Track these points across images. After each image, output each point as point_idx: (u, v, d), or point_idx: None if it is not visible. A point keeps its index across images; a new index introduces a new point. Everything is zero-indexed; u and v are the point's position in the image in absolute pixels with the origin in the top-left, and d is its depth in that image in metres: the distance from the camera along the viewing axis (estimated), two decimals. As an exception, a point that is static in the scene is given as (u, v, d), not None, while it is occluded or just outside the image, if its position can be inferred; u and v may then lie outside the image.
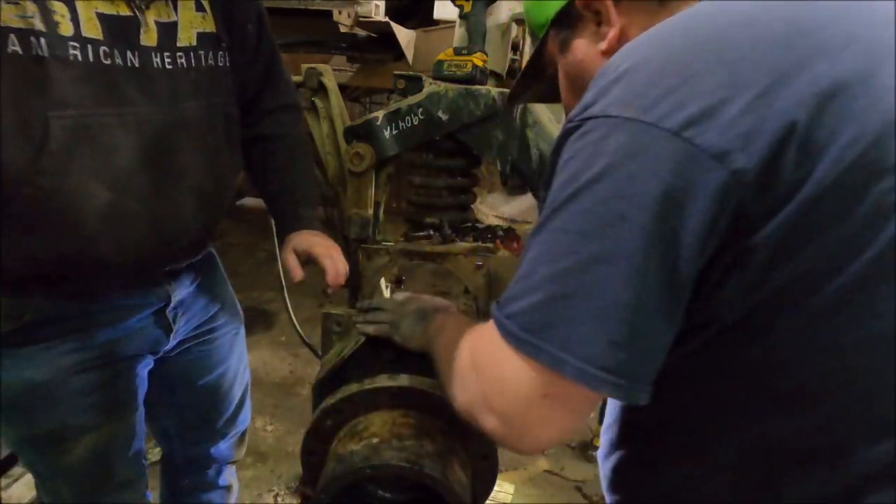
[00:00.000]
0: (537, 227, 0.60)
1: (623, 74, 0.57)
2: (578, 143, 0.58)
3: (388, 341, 1.01)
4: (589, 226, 0.55)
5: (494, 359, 0.61)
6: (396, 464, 0.83)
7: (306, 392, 2.56)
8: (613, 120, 0.55)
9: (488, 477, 0.99)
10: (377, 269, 1.53)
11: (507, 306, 0.60)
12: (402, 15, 3.60)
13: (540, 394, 0.57)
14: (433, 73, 1.43)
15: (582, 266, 0.54)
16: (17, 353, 0.92)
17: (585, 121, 0.58)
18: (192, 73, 0.99)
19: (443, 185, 1.51)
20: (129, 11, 0.86)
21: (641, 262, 0.53)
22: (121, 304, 1.03)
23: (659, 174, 0.52)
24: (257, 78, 1.17)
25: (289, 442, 2.34)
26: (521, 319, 0.57)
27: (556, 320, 0.55)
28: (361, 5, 2.99)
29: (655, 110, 0.53)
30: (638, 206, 0.52)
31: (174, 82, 0.95)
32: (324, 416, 0.95)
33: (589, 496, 2.27)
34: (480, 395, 0.63)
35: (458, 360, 0.70)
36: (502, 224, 1.79)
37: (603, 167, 0.54)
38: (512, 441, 0.62)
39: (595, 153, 0.55)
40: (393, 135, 1.42)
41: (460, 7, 1.48)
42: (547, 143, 1.38)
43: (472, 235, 1.58)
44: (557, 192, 0.58)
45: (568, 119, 0.61)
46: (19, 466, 1.91)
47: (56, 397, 0.96)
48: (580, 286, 0.54)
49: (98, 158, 0.84)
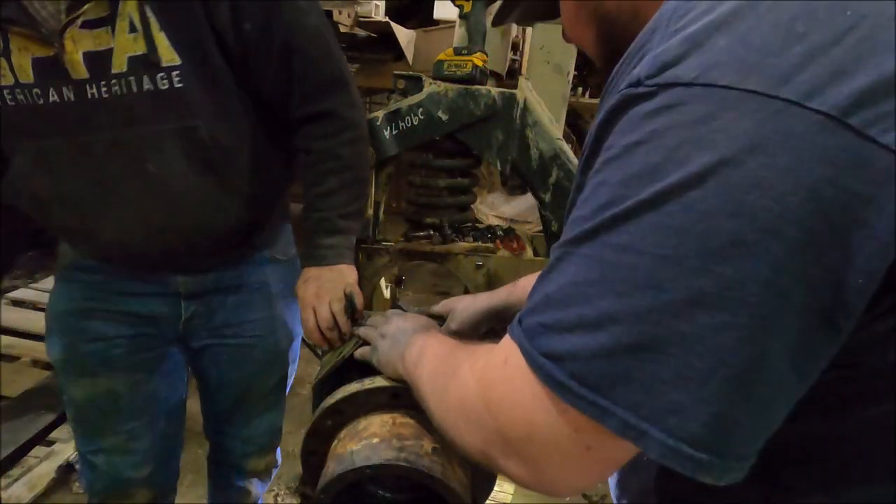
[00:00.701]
0: (579, 232, 0.43)
1: (731, 17, 0.38)
2: (657, 122, 0.39)
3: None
4: (683, 250, 0.37)
5: (518, 399, 0.47)
6: (396, 464, 0.83)
7: (306, 392, 2.56)
8: (723, 92, 0.37)
9: (488, 477, 0.99)
10: (377, 269, 1.53)
11: (544, 340, 0.44)
12: (402, 15, 3.61)
13: (583, 446, 0.45)
14: (433, 73, 1.43)
15: (674, 308, 0.38)
16: (63, 285, 1.16)
17: (666, 88, 0.39)
18: (126, 100, 0.93)
19: (443, 185, 1.51)
20: (51, 50, 0.89)
21: (771, 309, 0.36)
22: (136, 277, 1.14)
23: (806, 181, 0.35)
24: (275, 82, 1.03)
25: (289, 442, 2.33)
26: (577, 368, 0.42)
27: (633, 377, 0.40)
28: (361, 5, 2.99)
29: (798, 80, 0.35)
30: (768, 228, 0.35)
31: (109, 112, 0.94)
32: (324, 416, 0.95)
33: (589, 496, 2.27)
34: (499, 439, 0.50)
35: (458, 394, 0.57)
36: (502, 224, 1.79)
37: (707, 165, 0.37)
38: (541, 488, 0.50)
39: (692, 141, 0.37)
40: (393, 135, 1.42)
41: (460, 7, 1.48)
42: (547, 143, 1.38)
43: (472, 235, 1.58)
44: (617, 189, 0.41)
45: (630, 81, 0.41)
46: (19, 466, 1.92)
47: (68, 328, 1.15)
48: (671, 336, 0.38)
49: (50, 180, 0.98)
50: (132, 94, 0.93)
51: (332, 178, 1.10)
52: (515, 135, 1.40)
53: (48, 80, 0.91)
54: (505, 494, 2.17)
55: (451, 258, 1.48)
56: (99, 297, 1.14)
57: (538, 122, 1.39)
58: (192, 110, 0.96)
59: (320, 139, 1.09)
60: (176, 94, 0.94)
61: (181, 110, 0.96)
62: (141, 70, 0.92)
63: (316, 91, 1.07)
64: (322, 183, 1.10)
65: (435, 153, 1.49)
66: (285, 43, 0.99)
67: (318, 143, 1.09)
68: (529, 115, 1.39)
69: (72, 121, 0.93)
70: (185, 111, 0.96)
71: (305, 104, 1.07)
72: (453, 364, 0.60)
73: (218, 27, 0.93)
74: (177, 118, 0.96)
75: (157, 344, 1.20)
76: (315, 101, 1.07)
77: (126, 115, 0.94)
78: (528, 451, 0.48)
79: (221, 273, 1.18)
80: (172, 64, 0.92)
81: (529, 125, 1.39)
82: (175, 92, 0.94)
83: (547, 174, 1.40)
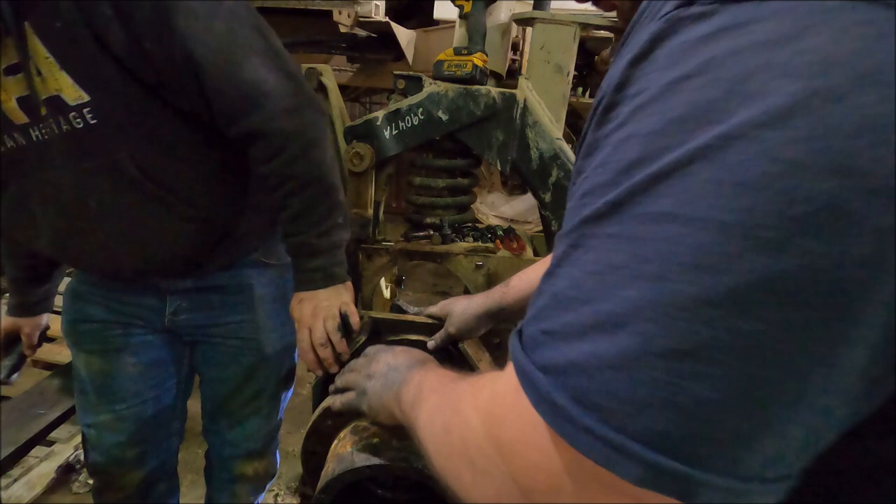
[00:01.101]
0: (598, 207, 0.32)
1: None
2: (716, 47, 0.28)
3: (387, 343, 1.01)
4: (756, 217, 0.26)
5: (534, 438, 0.35)
6: (396, 464, 0.83)
7: (306, 392, 2.56)
8: (812, 4, 0.27)
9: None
10: (377, 269, 1.53)
11: (546, 351, 0.33)
12: (402, 15, 3.60)
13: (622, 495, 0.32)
14: (433, 73, 1.43)
15: (736, 298, 0.27)
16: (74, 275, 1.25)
17: (730, 2, 0.29)
18: (56, 141, 0.92)
19: (443, 185, 1.51)
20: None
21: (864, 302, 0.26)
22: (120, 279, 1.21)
23: None
24: (195, 101, 0.92)
25: (289, 442, 2.33)
26: (580, 383, 0.31)
27: (669, 399, 0.28)
28: (361, 5, 2.98)
29: None
30: (882, 190, 0.25)
31: (49, 153, 0.95)
32: (324, 416, 0.95)
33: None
34: (514, 488, 0.37)
35: (460, 435, 0.45)
36: (502, 224, 1.79)
37: (794, 97, 0.26)
38: None
39: (768, 68, 0.27)
40: (393, 135, 1.42)
41: (460, 7, 1.48)
42: (547, 143, 1.38)
43: (472, 235, 1.58)
44: (653, 140, 0.30)
45: (677, 2, 0.31)
46: (19, 466, 1.92)
47: (68, 307, 1.23)
48: (728, 338, 0.27)
49: (26, 218, 1.04)
50: (58, 134, 0.91)
51: (293, 201, 1.00)
52: (515, 135, 1.40)
53: (1, 127, 0.94)
54: (505, 494, 2.17)
55: (451, 258, 1.48)
56: (92, 282, 1.22)
57: (538, 122, 1.39)
58: (112, 144, 0.91)
59: (263, 163, 0.98)
60: (92, 130, 0.89)
61: (101, 146, 0.91)
62: (56, 112, 0.89)
63: (235, 108, 0.93)
64: (286, 207, 1.01)
65: (435, 153, 1.49)
66: (186, 57, 0.87)
67: (264, 168, 0.98)
68: (529, 115, 1.39)
69: (31, 162, 0.97)
70: (106, 146, 0.91)
71: (231, 124, 0.95)
72: (454, 398, 0.48)
73: (117, 53, 0.85)
74: (101, 154, 0.92)
75: (146, 332, 1.23)
76: (238, 119, 0.94)
77: (59, 155, 0.93)
78: (551, 501, 0.35)
79: (203, 275, 1.19)
80: (81, 101, 0.87)
81: (529, 125, 1.39)
82: (91, 128, 0.89)
83: (547, 174, 1.40)
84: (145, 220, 1.01)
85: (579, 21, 2.22)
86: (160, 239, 1.04)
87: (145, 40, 0.84)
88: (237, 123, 0.94)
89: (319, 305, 1.05)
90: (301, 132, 0.98)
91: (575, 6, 0.67)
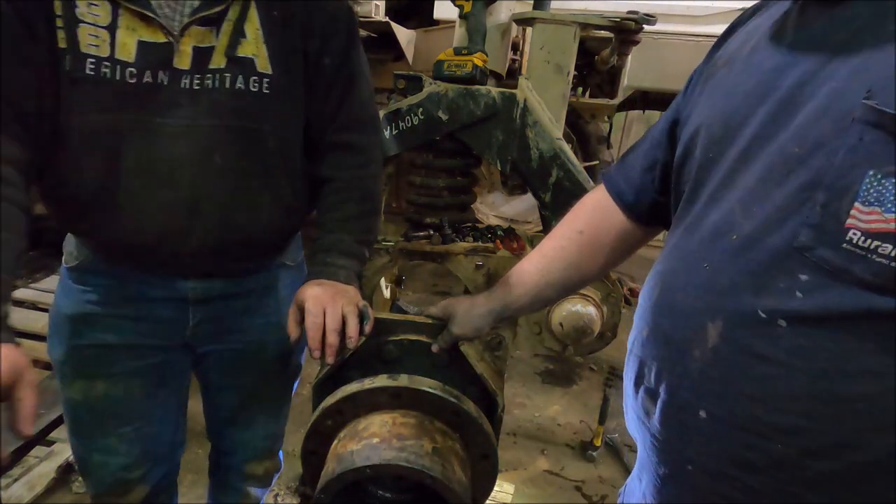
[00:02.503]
0: None
1: None
2: None
3: (387, 343, 1.01)
4: None
5: None
6: (396, 464, 0.83)
7: (306, 392, 2.56)
8: None
9: (488, 477, 0.99)
10: (377, 269, 1.53)
11: None
12: (402, 15, 3.60)
13: None
14: (433, 73, 1.43)
15: None
16: (68, 286, 1.16)
17: None
18: (214, 93, 1.00)
19: (443, 185, 1.51)
20: (165, 38, 0.97)
21: None
22: (143, 281, 1.14)
23: None
24: (326, 115, 1.13)
25: (289, 442, 2.33)
26: None
27: None
28: (361, 5, 2.99)
29: None
30: None
31: (194, 101, 1.00)
32: (324, 416, 0.95)
33: (589, 496, 2.27)
34: None
35: None
36: (502, 224, 1.79)
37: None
38: None
39: None
40: (393, 135, 1.42)
41: (460, 7, 1.49)
42: (547, 143, 1.38)
43: (472, 235, 1.58)
44: None
45: None
46: (19, 466, 1.92)
47: (70, 332, 1.15)
48: None
49: (104, 160, 1.00)
50: (223, 89, 1.00)
51: (352, 206, 1.16)
52: (515, 135, 1.40)
53: (149, 63, 0.97)
54: (505, 494, 2.17)
55: (451, 258, 1.48)
56: (105, 302, 1.14)
57: (538, 122, 1.39)
58: (268, 116, 1.05)
59: (348, 169, 1.16)
60: (261, 99, 1.03)
61: (259, 114, 1.04)
62: (237, 70, 1.01)
63: (357, 123, 1.17)
64: (342, 209, 1.15)
65: (435, 153, 1.49)
66: (349, 79, 1.13)
67: (345, 173, 1.16)
68: (529, 115, 1.39)
69: (154, 103, 0.98)
70: (263, 115, 1.05)
71: (344, 131, 1.16)
72: None
73: (308, 52, 1.06)
74: (253, 119, 1.04)
75: (160, 351, 1.19)
76: (353, 131, 1.17)
77: (208, 106, 1.00)
78: None
79: (232, 280, 1.18)
80: (265, 73, 1.03)
81: (529, 125, 1.39)
82: (262, 96, 1.03)
83: (547, 174, 1.41)
84: (251, 189, 1.08)
85: (579, 21, 2.21)
86: (253, 210, 1.09)
87: (328, 56, 1.08)
88: (351, 133, 1.16)
89: (339, 292, 1.04)
90: (381, 165, 1.20)
91: (575, 6, 0.70)
